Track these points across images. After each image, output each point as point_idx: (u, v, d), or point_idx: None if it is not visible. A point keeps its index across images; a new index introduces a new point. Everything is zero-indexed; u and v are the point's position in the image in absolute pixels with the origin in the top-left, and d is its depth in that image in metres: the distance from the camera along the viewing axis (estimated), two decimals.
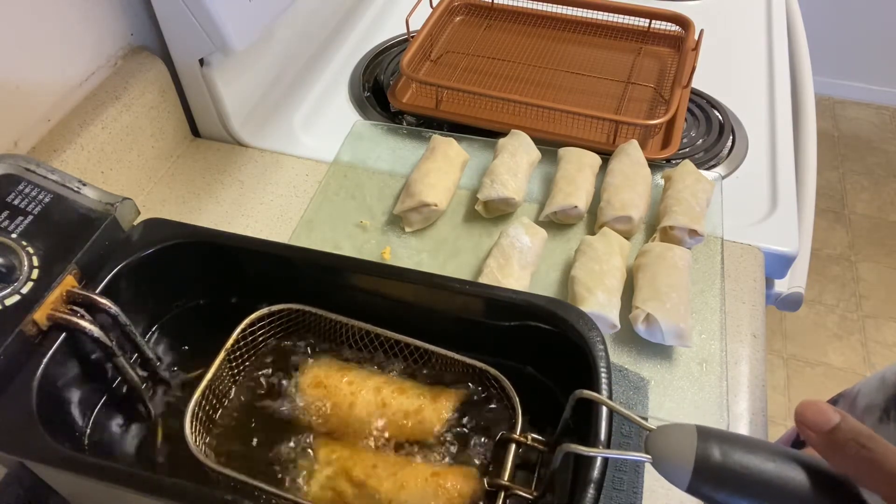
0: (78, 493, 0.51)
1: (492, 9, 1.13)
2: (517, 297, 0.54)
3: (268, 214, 0.83)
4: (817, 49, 1.32)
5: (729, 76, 1.05)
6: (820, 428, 0.35)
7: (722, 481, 0.37)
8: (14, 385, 0.47)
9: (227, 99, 0.87)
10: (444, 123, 0.94)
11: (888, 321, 2.00)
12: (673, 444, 0.38)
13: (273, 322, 0.57)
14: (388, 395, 0.54)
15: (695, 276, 0.74)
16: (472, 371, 0.55)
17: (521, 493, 0.48)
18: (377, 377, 0.56)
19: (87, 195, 0.56)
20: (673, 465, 0.38)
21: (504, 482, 0.48)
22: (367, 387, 0.55)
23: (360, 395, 0.54)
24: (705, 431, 0.38)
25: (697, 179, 0.79)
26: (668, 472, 0.39)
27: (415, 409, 0.54)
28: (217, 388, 0.54)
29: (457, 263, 0.76)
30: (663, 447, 0.39)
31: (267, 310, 0.56)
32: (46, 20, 0.71)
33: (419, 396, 0.54)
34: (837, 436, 0.35)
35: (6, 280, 0.48)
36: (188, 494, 0.43)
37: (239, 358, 0.56)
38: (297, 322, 0.59)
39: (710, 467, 0.37)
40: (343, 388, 0.55)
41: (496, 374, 0.53)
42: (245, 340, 0.56)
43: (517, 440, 0.50)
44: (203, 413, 0.52)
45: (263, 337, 0.58)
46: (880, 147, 2.54)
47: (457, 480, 0.50)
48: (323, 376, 0.56)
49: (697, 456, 0.37)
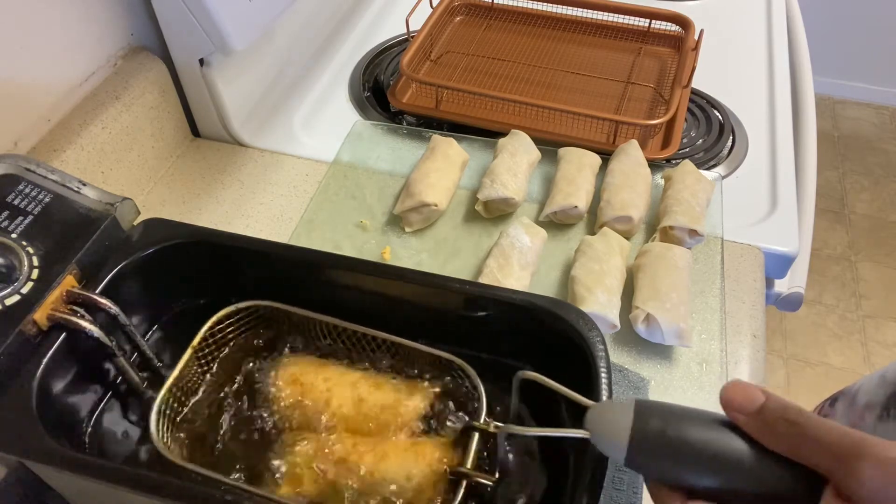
0: (78, 493, 0.51)
1: (492, 9, 1.13)
2: (517, 297, 0.54)
3: (268, 214, 0.83)
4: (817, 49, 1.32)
5: (729, 76, 1.05)
6: (746, 409, 0.35)
7: (658, 454, 0.36)
8: (14, 385, 0.47)
9: (227, 99, 0.87)
10: (444, 123, 0.94)
11: (888, 321, 2.00)
12: (609, 420, 0.39)
13: (242, 319, 0.57)
14: (365, 391, 0.54)
15: (695, 276, 0.74)
16: (441, 363, 0.55)
17: (482, 480, 0.48)
18: (353, 373, 0.56)
19: (87, 195, 0.56)
20: (608, 439, 0.38)
21: (465, 470, 0.48)
22: (343, 382, 0.55)
23: (335, 392, 0.54)
24: (644, 405, 0.38)
25: (697, 179, 0.79)
26: (605, 446, 0.39)
27: (391, 402, 0.54)
28: (186, 386, 0.54)
29: (457, 263, 0.76)
30: (600, 422, 0.40)
31: (234, 307, 0.56)
32: (46, 20, 0.71)
33: (395, 391, 0.54)
34: (766, 415, 0.34)
35: (6, 280, 0.48)
36: (188, 494, 0.43)
37: (209, 355, 0.56)
38: (269, 319, 0.58)
39: (646, 440, 0.37)
40: (319, 385, 0.54)
41: (461, 363, 0.53)
42: (214, 338, 0.56)
43: (481, 428, 0.50)
44: (171, 410, 0.52)
45: (234, 334, 0.57)
46: (880, 147, 2.54)
47: (436, 447, 0.51)
48: (299, 373, 0.56)
49: (633, 430, 0.37)
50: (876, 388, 0.72)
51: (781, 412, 0.34)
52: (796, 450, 0.33)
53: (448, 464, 0.50)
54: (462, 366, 0.53)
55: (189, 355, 0.53)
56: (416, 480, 0.50)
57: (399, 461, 0.51)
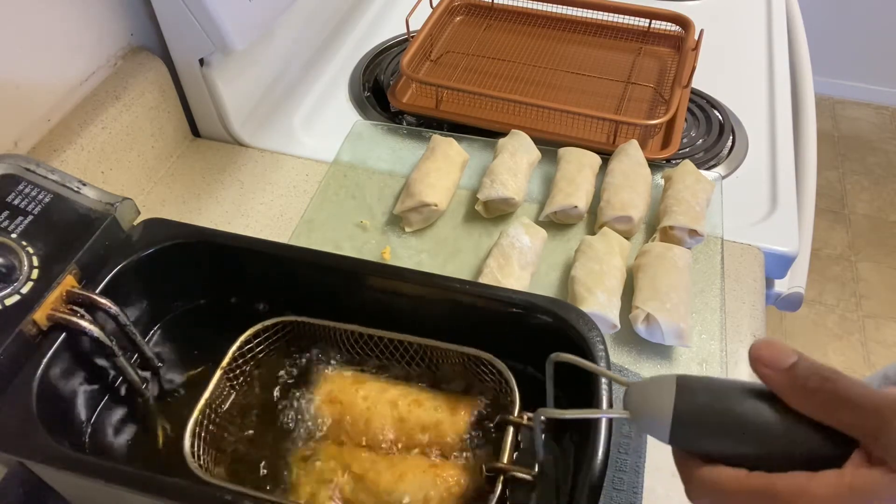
0: (78, 493, 0.51)
1: (492, 9, 1.13)
2: (517, 297, 0.54)
3: (268, 214, 0.83)
4: (817, 49, 1.32)
5: (729, 76, 1.05)
6: (778, 365, 0.34)
7: (701, 429, 0.35)
8: (14, 385, 0.47)
9: (227, 99, 0.87)
10: (444, 123, 0.94)
11: (888, 321, 2.00)
12: (651, 398, 0.37)
13: (270, 335, 0.57)
14: (405, 410, 0.54)
15: (695, 276, 0.74)
16: (468, 360, 0.54)
17: (520, 475, 0.47)
18: (392, 389, 0.55)
19: (87, 195, 0.56)
20: (651, 418, 0.37)
21: (502, 465, 0.47)
22: (383, 401, 0.54)
23: (376, 410, 0.54)
24: (684, 381, 0.36)
25: (697, 179, 0.79)
26: (648, 426, 0.38)
27: (433, 422, 0.53)
28: (217, 406, 0.54)
29: (457, 263, 0.76)
30: (641, 402, 0.38)
31: (261, 325, 0.56)
32: (46, 20, 0.71)
33: (436, 409, 0.54)
34: (797, 372, 0.33)
35: (6, 280, 0.48)
36: (188, 494, 0.43)
37: (239, 374, 0.56)
38: (295, 332, 0.58)
39: (690, 417, 0.35)
40: (359, 404, 0.54)
41: (489, 357, 0.53)
42: (244, 358, 0.56)
43: (514, 422, 0.49)
44: (204, 431, 0.51)
45: (263, 351, 0.57)
46: (880, 147, 2.54)
47: (456, 471, 0.50)
48: (337, 391, 0.55)
49: (677, 407, 0.35)
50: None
51: (814, 369, 0.33)
52: (828, 408, 0.32)
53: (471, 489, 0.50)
54: (491, 360, 0.52)
55: (219, 377, 0.53)
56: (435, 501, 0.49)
57: (417, 485, 0.50)
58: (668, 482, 0.60)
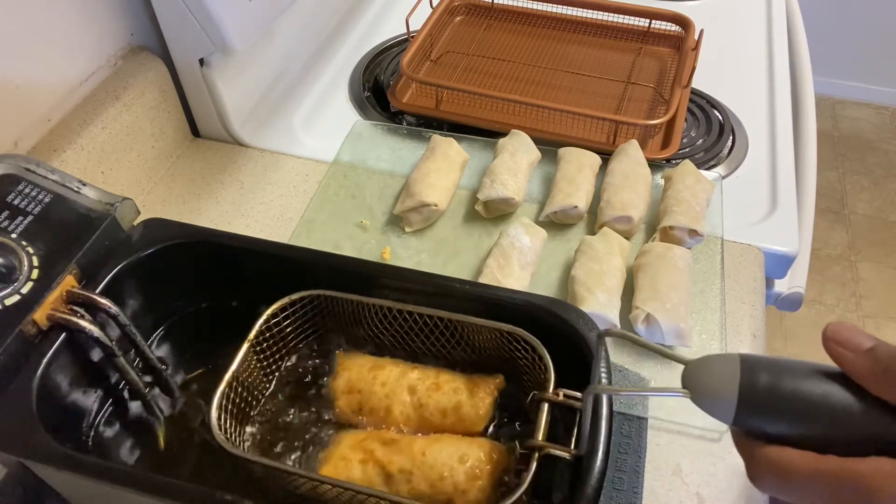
0: (78, 494, 0.51)
1: (492, 9, 1.13)
2: (517, 297, 0.55)
3: (268, 214, 0.83)
4: (817, 49, 1.32)
5: (729, 76, 1.05)
6: (857, 348, 0.33)
7: (769, 410, 0.34)
8: (14, 385, 0.47)
9: (227, 99, 0.87)
10: (444, 123, 0.94)
11: (888, 321, 2.00)
12: (715, 376, 0.35)
13: (297, 310, 0.57)
14: (424, 394, 0.54)
15: (695, 276, 0.74)
16: (500, 337, 0.53)
17: (558, 453, 0.46)
18: (410, 373, 0.55)
19: (87, 195, 0.56)
20: (715, 397, 0.35)
21: (539, 442, 0.46)
22: (401, 387, 0.54)
23: (395, 398, 0.54)
24: (748, 359, 0.35)
25: (697, 179, 0.79)
26: (711, 405, 0.36)
27: (453, 405, 0.53)
28: (245, 381, 0.54)
29: (457, 263, 0.76)
30: (703, 380, 0.36)
31: (288, 298, 0.55)
32: (46, 20, 0.71)
33: (455, 392, 0.54)
34: (877, 354, 0.32)
35: (6, 280, 0.48)
36: (188, 494, 0.43)
37: (267, 350, 0.56)
38: (322, 308, 0.58)
39: (757, 397, 0.34)
40: (377, 392, 0.54)
41: (524, 333, 0.52)
42: (271, 332, 0.55)
43: (549, 399, 0.48)
44: (231, 404, 0.51)
45: (291, 327, 0.57)
46: (880, 147, 2.54)
47: (487, 443, 0.51)
48: (355, 380, 0.55)
49: (742, 385, 0.34)
50: None
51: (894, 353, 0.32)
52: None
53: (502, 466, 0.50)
54: (525, 336, 0.52)
55: (245, 349, 0.53)
56: (470, 463, 0.49)
57: (453, 448, 0.50)
58: (669, 482, 0.60)
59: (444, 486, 0.49)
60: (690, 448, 0.62)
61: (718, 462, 0.61)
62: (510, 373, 0.55)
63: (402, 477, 0.50)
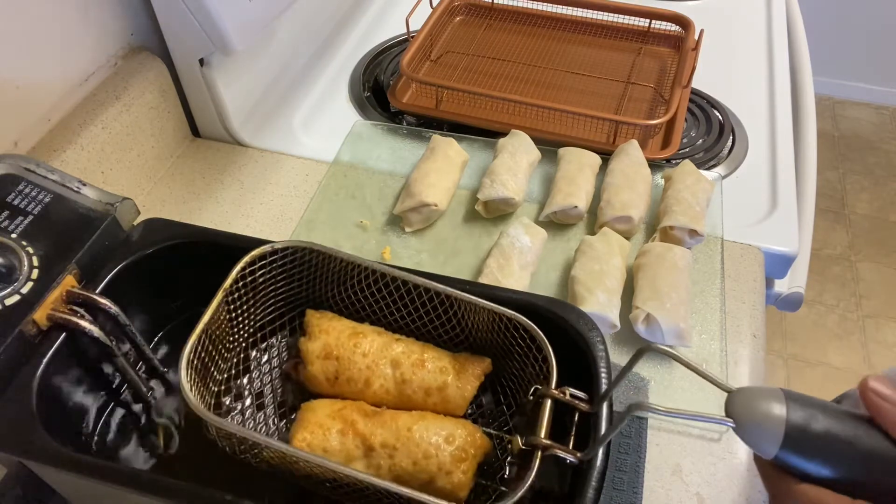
0: (78, 493, 0.51)
1: (492, 9, 1.13)
2: (517, 297, 0.54)
3: (268, 214, 0.83)
4: (817, 49, 1.32)
5: (729, 76, 1.05)
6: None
7: (811, 449, 0.35)
8: (14, 385, 0.47)
9: (227, 99, 0.87)
10: (444, 123, 0.94)
11: (888, 321, 2.00)
12: (760, 409, 0.36)
13: (276, 263, 0.52)
14: (408, 370, 0.51)
15: (695, 276, 0.74)
16: (499, 323, 0.50)
17: (564, 455, 0.44)
18: (394, 345, 0.52)
19: (87, 195, 0.56)
20: (761, 430, 0.36)
21: (544, 441, 0.45)
22: (384, 359, 0.51)
23: (377, 371, 0.50)
24: (794, 397, 0.36)
25: (697, 179, 0.79)
26: (755, 439, 0.36)
27: (438, 385, 0.51)
28: (214, 335, 0.50)
29: (457, 263, 0.76)
30: (749, 411, 0.36)
31: (270, 247, 0.52)
32: (46, 20, 0.71)
33: (442, 371, 0.51)
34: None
35: (6, 280, 0.48)
36: (188, 494, 0.43)
37: (238, 301, 0.52)
38: (304, 265, 0.54)
39: (803, 436, 0.35)
40: (358, 362, 0.50)
41: (526, 322, 0.49)
42: (244, 281, 0.51)
43: (554, 396, 0.47)
44: (199, 361, 0.48)
45: (265, 279, 0.52)
46: (880, 147, 2.54)
47: (473, 429, 0.50)
48: (333, 345, 0.51)
49: (788, 422, 0.35)
50: None
51: None
52: None
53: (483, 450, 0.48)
54: (526, 325, 0.49)
55: (220, 298, 0.49)
56: (457, 444, 0.47)
57: (439, 425, 0.48)
58: (668, 482, 0.60)
59: (429, 465, 0.47)
60: (690, 448, 0.62)
61: (718, 462, 0.61)
62: (498, 359, 0.53)
63: (384, 452, 0.47)
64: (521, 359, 0.52)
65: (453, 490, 0.47)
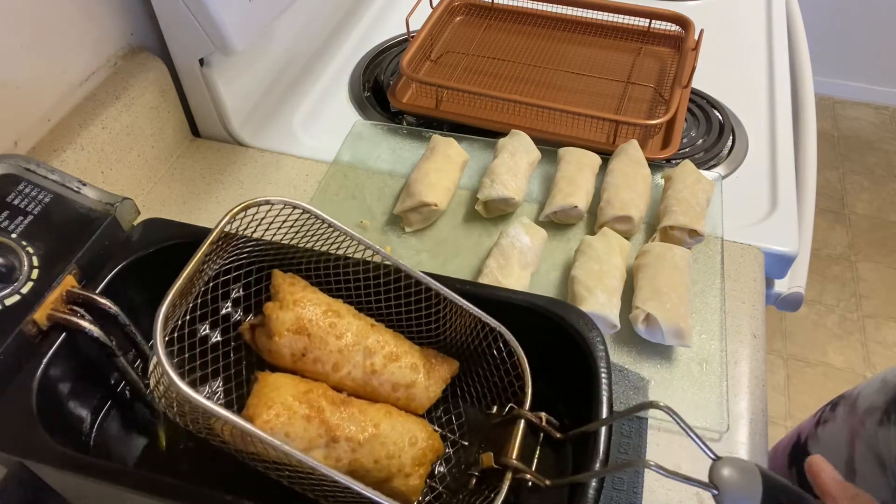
0: (78, 494, 0.51)
1: (492, 9, 1.13)
2: (517, 297, 0.54)
3: None
4: (817, 49, 1.32)
5: (729, 76, 1.05)
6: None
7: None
8: (14, 385, 0.47)
9: (227, 99, 0.87)
10: (444, 123, 0.94)
11: (888, 321, 2.00)
12: (743, 483, 0.40)
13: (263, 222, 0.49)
14: (379, 362, 0.49)
15: (695, 276, 0.74)
16: (476, 327, 0.50)
17: (533, 480, 0.45)
18: (369, 332, 0.50)
19: (87, 195, 0.56)
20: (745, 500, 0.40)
21: (514, 463, 0.45)
22: (358, 346, 0.48)
23: (348, 356, 0.48)
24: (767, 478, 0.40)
25: (697, 179, 0.79)
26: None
27: (406, 383, 0.50)
28: (189, 292, 0.47)
29: (457, 263, 0.76)
30: (733, 483, 0.40)
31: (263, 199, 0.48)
32: (46, 20, 0.71)
33: (412, 369, 0.50)
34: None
35: (6, 280, 0.48)
36: (188, 494, 0.43)
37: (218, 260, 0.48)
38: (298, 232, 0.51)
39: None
40: (331, 344, 0.48)
41: (508, 336, 0.49)
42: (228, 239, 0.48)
43: (527, 418, 0.46)
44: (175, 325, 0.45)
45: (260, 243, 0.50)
46: (880, 147, 2.54)
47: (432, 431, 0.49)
48: (307, 320, 0.48)
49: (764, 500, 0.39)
50: (876, 394, 0.72)
51: None
52: None
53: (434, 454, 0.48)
54: (508, 339, 0.48)
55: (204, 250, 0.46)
56: (419, 447, 0.46)
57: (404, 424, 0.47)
58: (668, 482, 0.60)
59: (390, 465, 0.46)
60: (690, 448, 0.62)
61: None
62: (465, 362, 0.53)
63: (347, 445, 0.45)
64: (490, 367, 0.52)
65: (407, 493, 0.47)
